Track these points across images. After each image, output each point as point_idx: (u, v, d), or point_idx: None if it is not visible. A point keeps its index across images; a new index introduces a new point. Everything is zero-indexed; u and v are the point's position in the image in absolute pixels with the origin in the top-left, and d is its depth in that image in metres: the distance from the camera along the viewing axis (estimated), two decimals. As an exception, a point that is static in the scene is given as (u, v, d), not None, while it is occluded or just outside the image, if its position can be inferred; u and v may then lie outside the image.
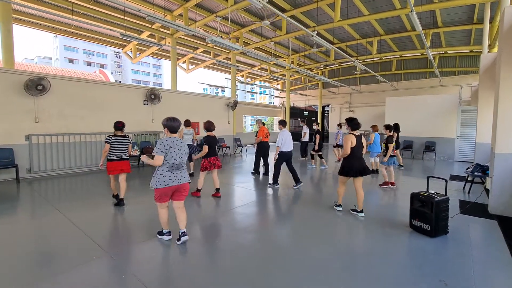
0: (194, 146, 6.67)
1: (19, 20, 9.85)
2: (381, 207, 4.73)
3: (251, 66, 17.83)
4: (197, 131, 10.79)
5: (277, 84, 23.03)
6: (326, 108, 21.12)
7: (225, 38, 11.17)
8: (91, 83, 8.27)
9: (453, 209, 4.21)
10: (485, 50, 8.59)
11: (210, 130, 4.98)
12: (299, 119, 14.36)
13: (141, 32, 11.74)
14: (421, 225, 3.42)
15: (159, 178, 2.97)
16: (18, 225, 3.74)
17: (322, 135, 9.16)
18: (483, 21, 8.85)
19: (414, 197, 3.57)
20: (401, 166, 8.85)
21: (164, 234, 3.22)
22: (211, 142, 4.93)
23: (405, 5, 8.89)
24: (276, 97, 24.21)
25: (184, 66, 16.28)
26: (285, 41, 13.44)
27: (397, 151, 8.38)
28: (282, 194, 5.49)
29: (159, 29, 11.18)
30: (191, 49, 13.72)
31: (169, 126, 3.05)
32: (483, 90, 6.93)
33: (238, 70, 18.17)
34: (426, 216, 3.37)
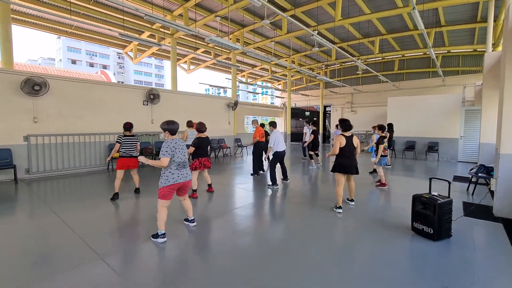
0: None
1: (18, 21, 9.86)
2: (382, 209, 4.62)
3: (252, 66, 17.76)
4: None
5: (279, 84, 22.94)
6: (328, 109, 20.99)
7: (224, 38, 11.12)
8: (90, 84, 8.23)
9: (457, 211, 4.10)
10: (489, 49, 8.44)
11: (202, 131, 5.06)
12: (304, 120, 14.14)
13: (142, 33, 11.72)
14: (423, 228, 3.32)
15: (168, 176, 3.17)
16: (10, 227, 3.68)
17: (316, 136, 9.05)
18: (487, 20, 8.71)
19: (416, 199, 3.46)
20: (389, 166, 8.65)
21: (159, 236, 3.18)
22: (202, 143, 5.02)
23: (407, 4, 8.77)
24: (278, 98, 24.11)
25: (185, 67, 16.26)
26: (286, 41, 13.35)
27: (387, 151, 8.30)
28: (281, 195, 5.41)
29: (159, 29, 11.16)
30: (192, 50, 13.68)
31: (170, 129, 3.27)
32: (487, 90, 6.79)
33: (239, 70, 18.11)
34: (429, 219, 3.26)
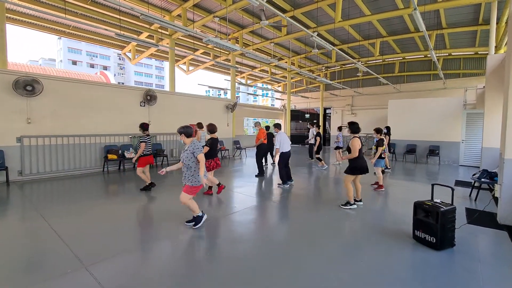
0: None
1: (15, 20, 9.76)
2: (382, 215, 4.47)
3: (252, 68, 17.67)
4: (194, 134, 10.61)
5: (278, 86, 22.83)
6: (328, 111, 20.86)
7: (223, 39, 11.02)
8: (86, 84, 8.09)
9: (460, 218, 3.94)
10: (492, 51, 8.32)
11: (213, 132, 5.26)
12: (308, 122, 13.90)
13: (140, 33, 11.63)
14: (426, 237, 3.17)
15: (199, 174, 3.51)
16: (-3, 232, 3.54)
17: (322, 138, 8.99)
18: (490, 22, 8.60)
19: (418, 207, 3.31)
20: (388, 169, 8.54)
21: (202, 218, 3.72)
22: (214, 144, 5.22)
23: (408, 5, 8.66)
24: (278, 99, 24.00)
25: (184, 68, 16.17)
26: (286, 42, 13.25)
27: (386, 154, 8.28)
28: (283, 198, 5.26)
29: (158, 30, 11.06)
30: (191, 51, 13.58)
31: (186, 132, 3.60)
32: (490, 92, 6.67)
33: (239, 72, 18.02)
34: (431, 227, 3.11)
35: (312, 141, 10.00)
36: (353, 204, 4.59)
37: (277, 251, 3.06)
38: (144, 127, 5.61)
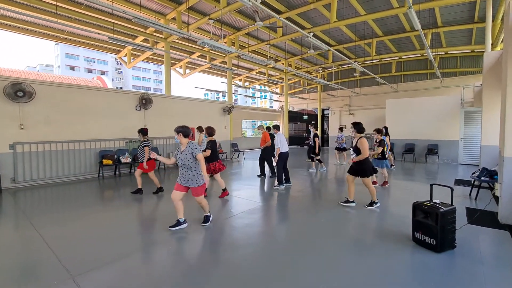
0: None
1: (7, 26, 9.68)
2: (381, 216, 4.38)
3: (249, 70, 17.64)
4: (192, 137, 10.53)
5: (276, 88, 22.80)
6: (326, 112, 20.82)
7: (218, 41, 10.98)
8: (80, 89, 8.01)
9: (460, 218, 3.86)
10: (488, 49, 8.28)
11: (212, 135, 5.31)
12: (310, 124, 13.69)
13: (136, 37, 11.58)
14: (425, 239, 3.08)
15: (200, 174, 3.56)
16: (-15, 242, 3.43)
17: (321, 139, 8.97)
18: (485, 19, 8.57)
19: (417, 208, 3.22)
20: (392, 166, 8.76)
21: (210, 218, 3.86)
22: (214, 146, 5.28)
23: (403, 4, 8.64)
24: (275, 101, 23.96)
25: (181, 71, 16.12)
26: (282, 44, 13.22)
27: (390, 154, 8.61)
28: (281, 201, 5.17)
29: (153, 34, 11.02)
30: (187, 54, 13.54)
31: (184, 131, 3.53)
32: (487, 90, 6.61)
33: (236, 74, 17.97)
34: (431, 229, 3.02)
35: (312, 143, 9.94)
36: (377, 203, 4.63)
37: (276, 254, 2.97)
38: (144, 132, 5.69)
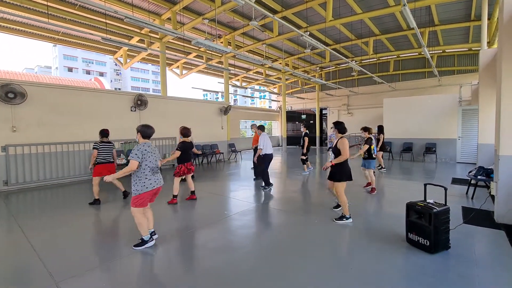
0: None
1: (1, 28, 9.61)
2: (374, 217, 4.32)
3: (246, 70, 17.58)
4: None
5: (274, 88, 22.74)
6: (324, 111, 20.77)
7: (214, 41, 10.92)
8: (74, 90, 7.94)
9: (456, 218, 3.81)
10: (484, 47, 8.23)
11: (187, 136, 5.03)
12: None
13: (131, 38, 11.51)
14: (419, 240, 3.02)
15: (145, 182, 3.04)
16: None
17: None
18: (481, 17, 8.52)
19: (410, 208, 3.17)
20: (383, 169, 8.45)
21: (146, 242, 3.15)
22: (186, 148, 5.00)
23: (399, 2, 8.58)
24: (274, 101, 23.90)
25: (178, 71, 16.05)
26: (278, 43, 13.16)
27: (380, 154, 8.36)
28: (275, 204, 5.11)
29: (148, 34, 10.95)
30: (183, 54, 13.47)
31: (143, 131, 3.12)
32: (484, 88, 6.56)
33: (233, 74, 17.91)
34: (424, 230, 2.97)
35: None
36: (350, 218, 4.00)
37: (267, 254, 2.91)
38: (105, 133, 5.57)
